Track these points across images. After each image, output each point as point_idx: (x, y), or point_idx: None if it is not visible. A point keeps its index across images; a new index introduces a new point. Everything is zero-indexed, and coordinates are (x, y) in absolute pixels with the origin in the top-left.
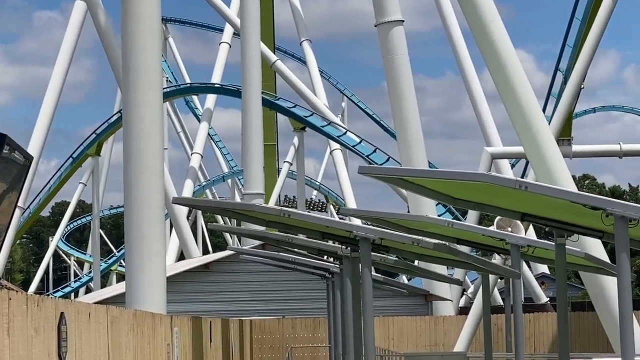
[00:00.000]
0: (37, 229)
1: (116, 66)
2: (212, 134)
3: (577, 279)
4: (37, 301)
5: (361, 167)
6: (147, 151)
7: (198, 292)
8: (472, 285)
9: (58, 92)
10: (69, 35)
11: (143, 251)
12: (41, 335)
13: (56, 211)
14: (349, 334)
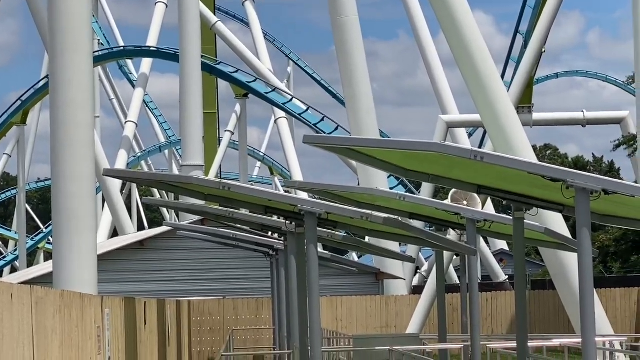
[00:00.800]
0: None
1: (43, 28)
2: (147, 101)
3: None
4: None
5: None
6: (76, 120)
7: (132, 271)
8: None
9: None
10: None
11: (72, 227)
12: None
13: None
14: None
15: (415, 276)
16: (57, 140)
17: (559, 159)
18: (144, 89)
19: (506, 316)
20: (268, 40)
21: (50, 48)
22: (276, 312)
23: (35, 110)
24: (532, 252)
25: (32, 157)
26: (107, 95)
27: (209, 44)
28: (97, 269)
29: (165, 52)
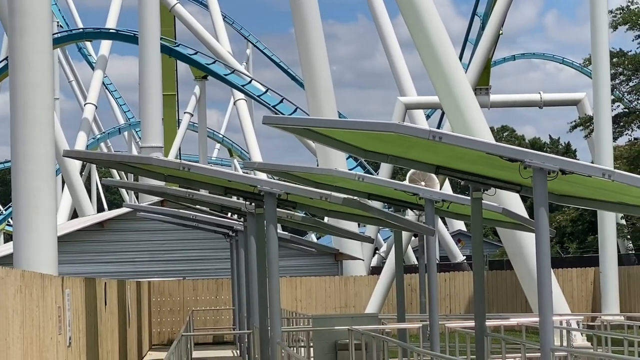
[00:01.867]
0: None
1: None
2: (107, 83)
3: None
4: None
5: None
6: (35, 101)
7: (92, 252)
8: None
9: None
10: None
11: (31, 208)
12: None
13: None
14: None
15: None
16: (16, 121)
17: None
18: (103, 71)
19: (464, 296)
20: (227, 22)
21: (9, 29)
22: (236, 293)
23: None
24: (490, 232)
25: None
26: (66, 77)
27: (168, 26)
28: (57, 250)
29: (125, 34)
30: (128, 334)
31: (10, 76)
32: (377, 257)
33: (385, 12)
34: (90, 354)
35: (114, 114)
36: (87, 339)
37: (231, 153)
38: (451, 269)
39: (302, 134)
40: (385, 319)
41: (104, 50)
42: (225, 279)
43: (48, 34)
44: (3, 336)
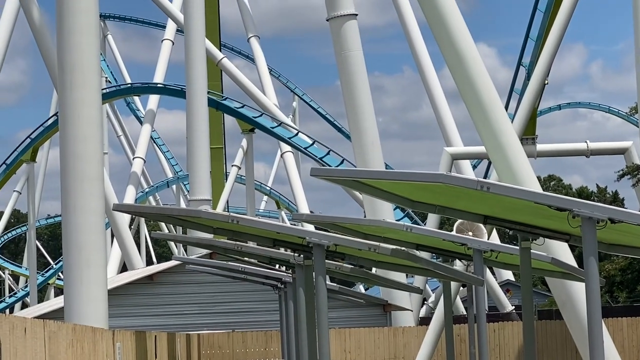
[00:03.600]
0: None
1: (51, 65)
2: (155, 137)
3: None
4: None
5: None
6: (85, 155)
7: (142, 305)
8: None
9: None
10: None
11: (82, 262)
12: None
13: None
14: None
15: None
16: (66, 175)
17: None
18: (151, 125)
19: (513, 347)
20: (273, 76)
21: (59, 85)
22: (285, 345)
23: (44, 147)
24: (539, 282)
25: (41, 194)
26: (115, 132)
27: (215, 80)
28: (108, 304)
29: (172, 88)
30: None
31: (60, 131)
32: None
33: (430, 63)
34: None
35: (162, 167)
36: None
37: (279, 205)
38: (500, 319)
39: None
40: None
41: (151, 104)
42: (274, 331)
43: (97, 89)
44: None
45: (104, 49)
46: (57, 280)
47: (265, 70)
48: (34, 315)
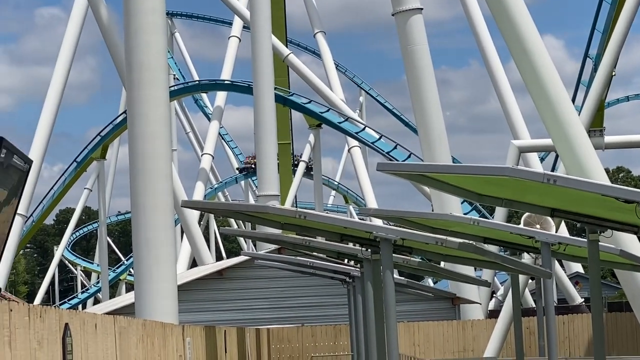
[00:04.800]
0: (41, 237)
1: (120, 64)
2: (223, 134)
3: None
4: (39, 312)
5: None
6: (154, 153)
7: (211, 300)
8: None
9: (60, 93)
10: (70, 33)
11: (152, 258)
12: (45, 347)
13: (61, 219)
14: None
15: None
16: (136, 172)
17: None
18: (219, 121)
19: (583, 339)
20: (340, 71)
21: (127, 83)
22: (354, 339)
23: (114, 145)
24: (608, 274)
25: (112, 190)
26: (183, 128)
27: (281, 75)
28: (177, 299)
29: (240, 85)
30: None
31: (129, 129)
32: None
33: (496, 57)
34: None
35: (230, 163)
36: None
37: (346, 200)
38: (569, 312)
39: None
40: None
41: (219, 101)
42: (343, 325)
43: (165, 87)
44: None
45: (172, 47)
46: (128, 276)
47: (332, 66)
48: (105, 310)
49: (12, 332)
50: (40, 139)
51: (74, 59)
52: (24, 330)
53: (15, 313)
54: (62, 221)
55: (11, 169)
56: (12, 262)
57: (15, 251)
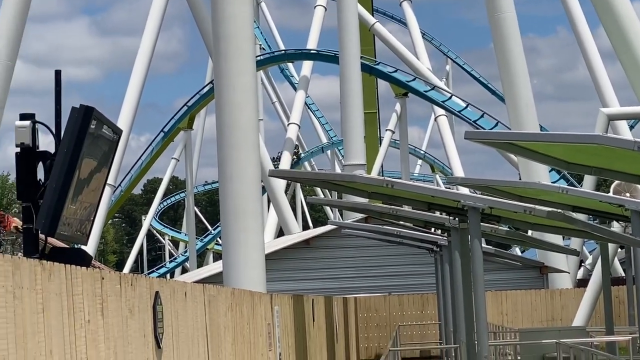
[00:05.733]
0: (129, 207)
1: (207, 35)
2: (309, 103)
3: None
4: (130, 280)
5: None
6: (241, 122)
7: (299, 269)
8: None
9: (147, 63)
10: (156, 3)
11: (239, 227)
12: (136, 315)
13: (148, 189)
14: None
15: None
16: (223, 142)
17: None
18: (305, 91)
19: None
20: (426, 39)
21: (214, 54)
22: (441, 308)
23: (200, 115)
24: None
25: (199, 160)
26: (269, 98)
27: (367, 44)
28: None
29: (326, 54)
30: (336, 349)
31: (216, 99)
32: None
33: (585, 23)
34: None
35: (316, 133)
36: (297, 355)
37: (433, 169)
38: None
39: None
40: (593, 332)
41: (305, 70)
42: (430, 294)
43: (251, 57)
44: (216, 353)
45: (258, 17)
46: (215, 246)
47: (418, 34)
48: (193, 279)
49: (104, 299)
50: (128, 110)
51: (161, 30)
52: (115, 298)
53: (107, 281)
54: (149, 191)
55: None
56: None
57: (104, 221)
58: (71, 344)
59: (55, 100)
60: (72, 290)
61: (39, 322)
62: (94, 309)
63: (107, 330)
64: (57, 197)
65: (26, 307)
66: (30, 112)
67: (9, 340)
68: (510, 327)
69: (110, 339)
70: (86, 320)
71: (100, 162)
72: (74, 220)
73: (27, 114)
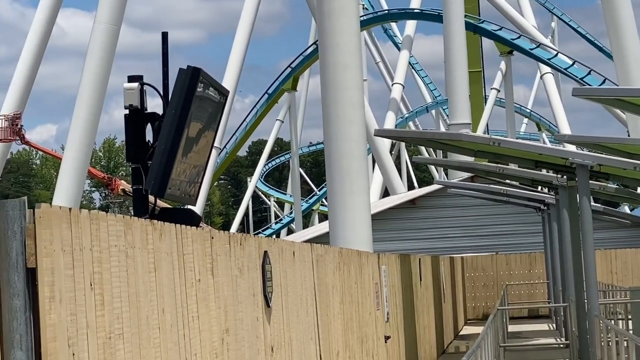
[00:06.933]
0: (235, 169)
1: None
2: (413, 63)
3: None
4: (239, 240)
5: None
6: (345, 82)
7: (405, 229)
8: None
9: (250, 25)
10: None
11: (345, 188)
12: (245, 274)
13: (253, 150)
14: (568, 269)
15: None
16: (327, 103)
17: None
18: (409, 50)
19: None
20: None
21: (317, 13)
22: (549, 266)
23: (304, 76)
24: None
25: (303, 122)
26: (373, 58)
27: (471, 3)
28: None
29: (429, 13)
30: (443, 308)
31: (320, 59)
32: None
33: None
34: (408, 329)
35: (420, 93)
36: (405, 314)
37: (539, 127)
38: None
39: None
40: None
41: (409, 30)
42: (538, 253)
43: (355, 17)
44: (324, 312)
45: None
46: (320, 207)
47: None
48: (300, 240)
49: (214, 259)
50: (232, 72)
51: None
52: (225, 257)
53: (217, 241)
54: (254, 153)
55: (207, 101)
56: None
57: (210, 183)
58: (182, 303)
59: (162, 62)
60: (182, 249)
61: (150, 281)
62: (204, 268)
63: (217, 289)
64: (165, 158)
65: (138, 266)
66: (138, 75)
67: (122, 299)
68: (620, 285)
69: (221, 298)
70: (197, 279)
71: (207, 123)
72: (182, 181)
73: (135, 76)
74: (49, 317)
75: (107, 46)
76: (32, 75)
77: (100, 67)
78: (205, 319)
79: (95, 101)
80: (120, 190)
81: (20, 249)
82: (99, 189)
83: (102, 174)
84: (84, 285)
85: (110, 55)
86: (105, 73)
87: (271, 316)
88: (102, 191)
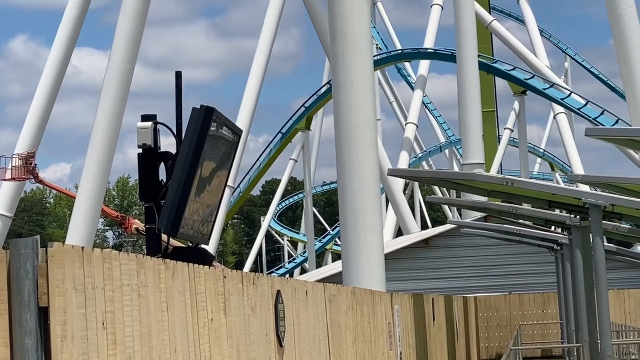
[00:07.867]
0: (248, 208)
1: (323, 34)
2: (426, 102)
3: None
4: (252, 279)
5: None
6: (358, 122)
7: (418, 268)
8: None
9: (265, 64)
10: (273, 4)
11: (359, 227)
12: (258, 314)
13: (267, 189)
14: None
15: None
16: (341, 141)
17: None
18: (422, 90)
19: None
20: (544, 37)
21: (331, 53)
22: (562, 306)
23: (318, 115)
24: None
25: (316, 161)
26: (386, 98)
27: (485, 43)
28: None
29: (443, 53)
30: (457, 348)
31: (334, 97)
32: None
33: None
34: None
35: (434, 132)
36: (417, 354)
37: (552, 167)
38: None
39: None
40: None
41: (422, 69)
42: (551, 293)
43: (369, 57)
44: (337, 352)
45: (374, 16)
46: (334, 246)
47: (536, 31)
48: (313, 279)
49: (227, 298)
50: (246, 111)
51: (278, 31)
52: (237, 296)
53: (229, 280)
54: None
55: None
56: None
57: (223, 222)
58: (195, 342)
59: (176, 101)
60: (195, 288)
61: (163, 321)
62: (217, 307)
63: (230, 329)
64: (179, 197)
65: (151, 305)
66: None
67: (134, 338)
68: (634, 326)
69: (233, 338)
70: (209, 319)
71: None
72: (195, 220)
73: (148, 115)
74: (61, 357)
75: (121, 85)
76: (46, 114)
77: (114, 105)
78: (218, 359)
79: (109, 140)
80: (133, 229)
81: (33, 287)
82: (112, 227)
83: (116, 213)
84: (96, 325)
85: (125, 94)
86: (119, 112)
87: (284, 356)
88: (115, 230)
